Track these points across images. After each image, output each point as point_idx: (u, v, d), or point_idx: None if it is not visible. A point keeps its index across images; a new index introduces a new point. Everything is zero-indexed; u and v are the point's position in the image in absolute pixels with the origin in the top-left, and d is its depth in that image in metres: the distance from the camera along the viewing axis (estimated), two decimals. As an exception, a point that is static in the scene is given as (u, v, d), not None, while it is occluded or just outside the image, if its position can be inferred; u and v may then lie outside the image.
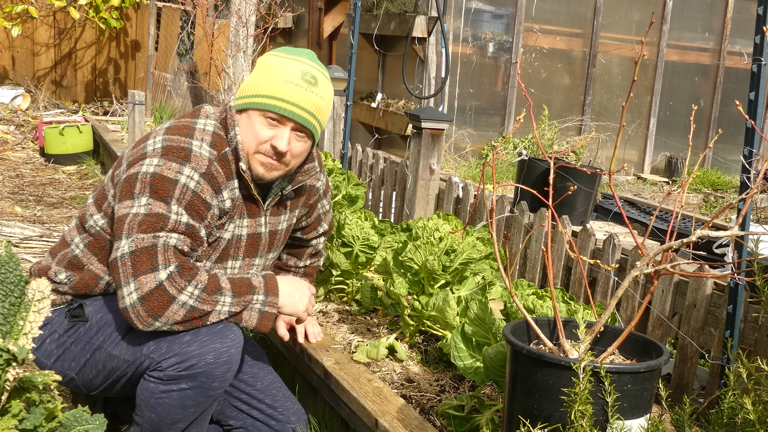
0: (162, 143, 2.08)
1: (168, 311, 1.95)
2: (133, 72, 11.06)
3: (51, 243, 4.67)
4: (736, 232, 1.61)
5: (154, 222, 1.98)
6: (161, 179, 2.01)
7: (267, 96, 2.12)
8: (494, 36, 7.98)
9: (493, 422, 2.14)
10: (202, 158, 2.08)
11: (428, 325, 2.76)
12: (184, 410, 2.04)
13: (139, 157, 2.08)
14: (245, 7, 6.03)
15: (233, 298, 2.04)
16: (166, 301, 1.94)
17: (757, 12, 2.23)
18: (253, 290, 2.08)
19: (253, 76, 2.16)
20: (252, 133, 2.14)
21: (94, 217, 2.19)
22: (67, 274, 2.20)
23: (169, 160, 2.04)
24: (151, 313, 1.94)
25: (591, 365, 1.57)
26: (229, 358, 2.03)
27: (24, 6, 9.66)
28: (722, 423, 1.61)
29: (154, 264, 1.95)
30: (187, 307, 1.96)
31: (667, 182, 8.62)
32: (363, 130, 8.30)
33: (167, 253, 1.97)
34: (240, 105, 2.17)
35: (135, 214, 1.99)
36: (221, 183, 2.11)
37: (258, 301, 2.08)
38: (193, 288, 1.98)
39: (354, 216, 3.10)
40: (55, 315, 2.19)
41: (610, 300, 1.89)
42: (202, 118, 2.19)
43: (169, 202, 2.00)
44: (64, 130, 7.32)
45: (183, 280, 1.96)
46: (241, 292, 2.06)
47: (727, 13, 8.93)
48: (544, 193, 1.86)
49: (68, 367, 2.15)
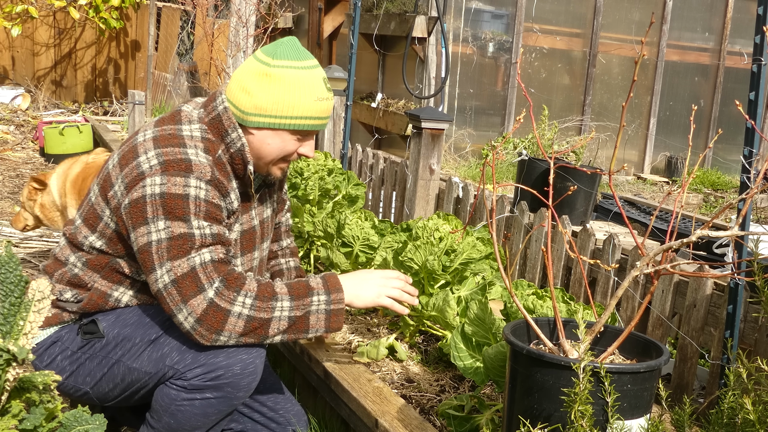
0: (157, 158, 2.01)
1: (227, 325, 1.94)
2: (133, 72, 11.07)
3: (51, 243, 4.67)
4: (736, 232, 1.61)
5: (182, 244, 1.94)
6: (171, 198, 1.96)
7: (303, 117, 2.10)
8: (494, 36, 7.98)
9: (493, 422, 2.14)
10: (203, 166, 2.03)
11: (428, 325, 2.76)
12: (205, 418, 2.03)
13: (136, 178, 2.00)
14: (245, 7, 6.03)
15: (291, 302, 2.00)
16: (222, 316, 1.93)
17: (757, 12, 2.23)
18: (311, 292, 2.04)
19: (276, 94, 2.07)
20: (280, 149, 2.14)
21: (90, 239, 2.13)
22: (73, 293, 2.16)
23: (172, 176, 1.98)
24: (212, 330, 1.94)
25: (591, 365, 1.57)
26: (255, 368, 2.03)
27: (24, 6, 9.66)
28: (722, 423, 1.61)
29: (200, 285, 1.93)
30: (244, 318, 1.95)
31: (667, 182, 8.62)
32: (363, 130, 8.30)
33: (207, 270, 1.95)
34: (268, 124, 2.10)
35: (158, 241, 1.95)
36: (227, 186, 2.09)
37: (321, 302, 2.03)
38: (244, 297, 1.96)
39: (354, 216, 3.10)
40: (65, 332, 2.15)
41: (610, 300, 1.89)
42: (185, 124, 2.12)
43: (188, 219, 1.96)
44: (64, 130, 7.32)
45: (231, 291, 1.95)
46: (299, 295, 2.02)
47: (727, 13, 8.93)
48: (544, 193, 1.86)
49: (82, 381, 2.12)
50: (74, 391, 2.13)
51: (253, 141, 2.13)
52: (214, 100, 2.16)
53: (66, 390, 2.14)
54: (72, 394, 2.14)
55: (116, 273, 2.14)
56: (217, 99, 2.14)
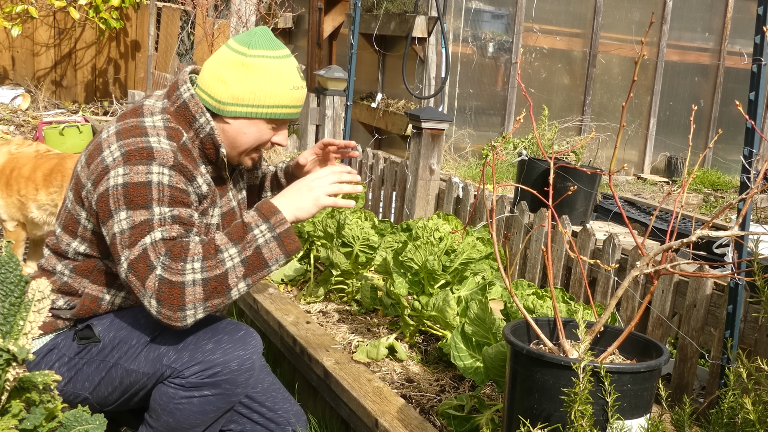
0: (120, 150, 1.99)
1: (186, 297, 1.87)
2: (133, 72, 11.07)
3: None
4: (736, 232, 1.61)
5: (141, 231, 1.93)
6: (133, 187, 1.94)
7: (280, 106, 2.11)
8: (494, 36, 7.98)
9: (493, 422, 2.14)
10: (165, 152, 2.00)
11: (428, 325, 2.76)
12: (203, 415, 2.03)
13: (101, 173, 1.99)
14: (245, 7, 6.03)
15: (236, 246, 1.93)
16: (178, 291, 1.87)
17: (757, 12, 2.23)
18: (249, 227, 1.96)
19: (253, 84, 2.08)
20: (256, 138, 2.14)
21: (72, 245, 2.12)
22: (65, 300, 2.15)
23: (134, 164, 1.96)
24: (174, 308, 1.87)
25: (591, 365, 1.57)
26: (252, 364, 2.03)
27: (24, 6, 9.67)
28: (722, 423, 1.61)
29: (149, 264, 1.89)
30: (200, 283, 1.88)
31: (667, 182, 8.62)
32: (363, 130, 8.30)
33: (157, 248, 1.91)
34: (245, 113, 2.10)
35: (120, 231, 1.93)
36: (192, 171, 2.07)
37: (265, 231, 1.95)
38: (192, 263, 1.89)
39: (354, 216, 3.10)
40: (61, 339, 2.14)
41: (610, 300, 1.89)
42: (147, 116, 2.10)
43: (150, 206, 1.94)
44: (64, 131, 7.32)
45: (178, 262, 1.89)
46: (241, 236, 1.94)
47: (727, 13, 8.93)
48: (544, 193, 1.86)
49: (81, 387, 2.11)
50: (73, 398, 2.12)
51: (228, 130, 2.12)
52: (177, 89, 2.13)
53: (65, 397, 2.12)
54: (72, 401, 2.13)
55: (105, 275, 2.13)
56: (181, 87, 2.12)
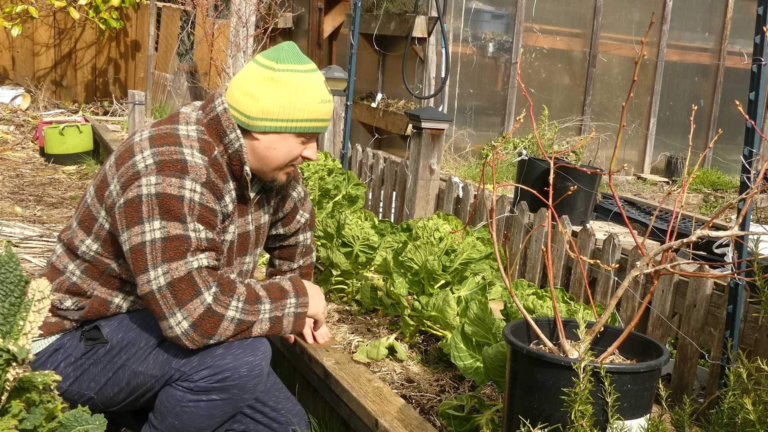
0: (153, 158, 2.00)
1: (219, 329, 1.99)
2: (133, 72, 11.07)
3: (51, 243, 4.67)
4: (736, 232, 1.61)
5: (178, 246, 1.95)
6: (167, 198, 1.95)
7: (309, 119, 2.13)
8: (494, 36, 7.98)
9: (493, 422, 2.14)
10: (198, 167, 2.03)
11: (428, 325, 2.76)
12: (209, 419, 2.04)
13: (132, 177, 2.00)
14: (245, 7, 6.03)
15: (271, 304, 2.09)
16: (217, 321, 1.98)
17: (757, 12, 2.23)
18: (286, 294, 2.14)
19: (282, 98, 2.08)
20: (286, 153, 2.15)
21: (86, 242, 2.12)
22: (73, 301, 2.15)
23: (168, 176, 1.97)
24: (205, 335, 1.98)
25: (591, 365, 1.57)
26: (261, 370, 2.05)
27: (24, 6, 9.66)
28: (722, 423, 1.61)
29: (196, 289, 1.95)
30: (235, 321, 2.00)
31: (667, 182, 8.62)
32: (363, 130, 8.30)
33: (202, 275, 1.97)
34: (275, 128, 2.11)
35: (152, 241, 1.94)
36: (222, 189, 2.09)
37: (292, 305, 2.13)
38: (237, 302, 2.01)
39: (354, 216, 3.10)
40: (68, 339, 2.14)
41: (610, 300, 1.89)
42: (182, 124, 2.12)
43: (184, 220, 1.97)
44: (64, 130, 7.32)
45: (227, 297, 2.00)
46: (277, 297, 2.11)
47: (727, 13, 8.93)
48: (544, 193, 1.86)
49: (86, 387, 2.12)
50: (78, 397, 2.13)
51: (258, 147, 2.13)
52: (212, 101, 2.16)
53: (70, 396, 2.13)
54: (76, 401, 2.14)
55: (115, 279, 2.14)
56: (216, 100, 2.14)
